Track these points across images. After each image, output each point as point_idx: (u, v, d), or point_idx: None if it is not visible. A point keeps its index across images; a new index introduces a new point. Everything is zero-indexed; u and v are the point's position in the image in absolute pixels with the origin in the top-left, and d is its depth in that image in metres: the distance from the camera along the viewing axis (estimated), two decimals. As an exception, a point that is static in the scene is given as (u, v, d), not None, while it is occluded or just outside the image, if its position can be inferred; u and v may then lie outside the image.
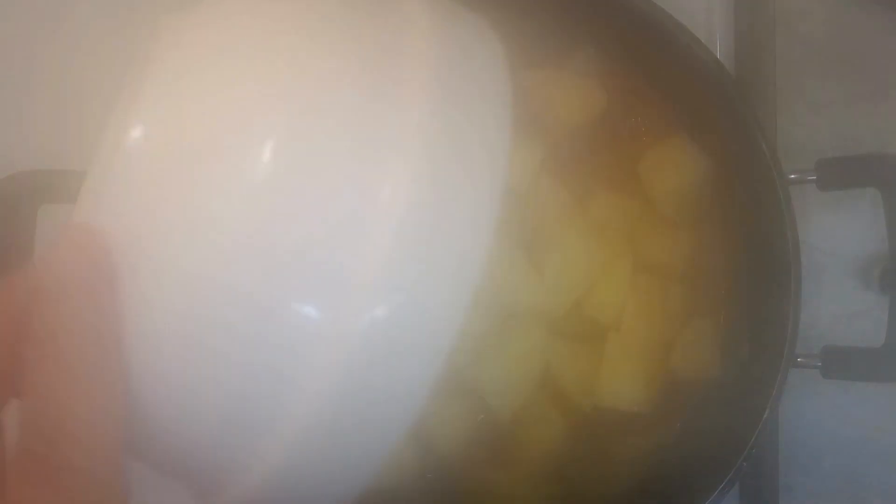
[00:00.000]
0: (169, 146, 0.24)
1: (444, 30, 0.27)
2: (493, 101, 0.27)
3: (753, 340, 0.48)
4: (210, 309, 0.23)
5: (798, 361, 0.43)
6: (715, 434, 0.47)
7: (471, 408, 0.47)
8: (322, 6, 0.26)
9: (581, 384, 0.47)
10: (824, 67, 0.55)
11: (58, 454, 0.21)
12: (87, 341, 0.22)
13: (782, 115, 0.55)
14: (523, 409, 0.46)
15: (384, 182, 0.23)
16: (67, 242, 0.23)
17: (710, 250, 0.49)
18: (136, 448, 0.24)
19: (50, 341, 0.22)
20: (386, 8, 0.27)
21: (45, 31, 0.55)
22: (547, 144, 0.47)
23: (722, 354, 0.49)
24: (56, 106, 0.53)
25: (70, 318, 0.22)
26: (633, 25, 0.46)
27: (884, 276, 0.54)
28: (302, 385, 0.23)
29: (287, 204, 0.23)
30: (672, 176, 0.48)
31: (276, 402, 0.23)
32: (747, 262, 0.49)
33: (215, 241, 0.22)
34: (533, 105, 0.48)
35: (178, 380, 0.24)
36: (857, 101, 0.55)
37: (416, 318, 0.24)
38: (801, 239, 0.54)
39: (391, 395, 0.25)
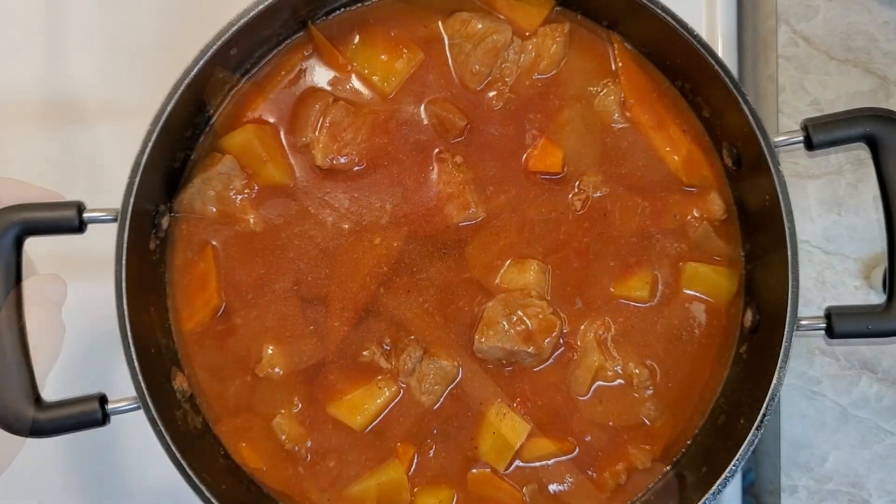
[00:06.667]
0: None
1: None
2: None
3: (756, 305, 0.48)
4: None
5: (802, 324, 0.43)
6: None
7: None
8: None
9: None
10: (827, 65, 0.55)
11: None
12: None
13: (785, 112, 0.55)
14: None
15: None
16: None
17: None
18: None
19: None
20: None
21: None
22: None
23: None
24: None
25: None
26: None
27: (885, 276, 0.54)
28: None
29: None
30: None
31: None
32: (744, 227, 0.49)
33: None
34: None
35: None
36: (859, 99, 0.55)
37: None
38: (803, 239, 0.54)
39: None
